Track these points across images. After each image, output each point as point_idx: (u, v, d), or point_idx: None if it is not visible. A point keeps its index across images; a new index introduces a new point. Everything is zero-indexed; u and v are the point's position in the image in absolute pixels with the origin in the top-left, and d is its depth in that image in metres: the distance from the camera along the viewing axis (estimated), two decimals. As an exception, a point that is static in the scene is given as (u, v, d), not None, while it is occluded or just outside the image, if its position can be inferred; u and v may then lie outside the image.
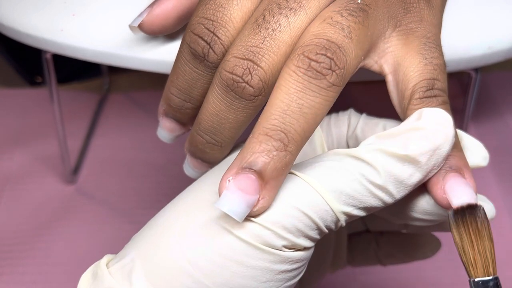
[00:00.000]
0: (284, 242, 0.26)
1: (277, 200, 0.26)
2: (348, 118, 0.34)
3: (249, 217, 0.26)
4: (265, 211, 0.26)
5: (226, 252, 0.26)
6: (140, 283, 0.26)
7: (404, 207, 0.29)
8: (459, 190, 0.27)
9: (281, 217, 0.26)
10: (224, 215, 0.26)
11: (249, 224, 0.26)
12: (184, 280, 0.26)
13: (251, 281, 0.26)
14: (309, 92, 0.26)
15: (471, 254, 0.27)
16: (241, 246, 0.26)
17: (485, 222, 0.27)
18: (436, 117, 0.27)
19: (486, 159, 0.31)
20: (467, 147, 0.31)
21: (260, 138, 0.25)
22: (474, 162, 0.31)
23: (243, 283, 0.26)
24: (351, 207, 0.26)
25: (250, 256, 0.26)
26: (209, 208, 0.27)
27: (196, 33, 0.29)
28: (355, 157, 0.27)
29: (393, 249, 0.38)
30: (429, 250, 0.37)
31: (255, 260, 0.26)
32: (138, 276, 0.26)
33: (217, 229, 0.26)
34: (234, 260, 0.26)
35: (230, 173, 0.25)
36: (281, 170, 0.25)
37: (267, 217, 0.26)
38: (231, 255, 0.26)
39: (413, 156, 0.26)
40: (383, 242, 0.38)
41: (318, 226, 0.26)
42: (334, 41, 0.26)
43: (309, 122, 0.26)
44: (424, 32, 0.30)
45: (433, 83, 0.29)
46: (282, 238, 0.26)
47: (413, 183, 0.27)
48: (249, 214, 0.25)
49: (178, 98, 0.31)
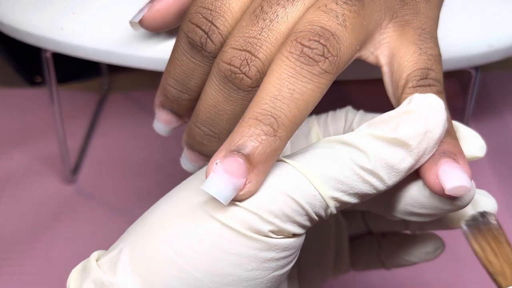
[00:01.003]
0: (271, 227, 0.25)
1: (264, 185, 0.25)
2: (345, 114, 0.34)
3: (235, 201, 0.25)
4: (252, 196, 0.25)
5: (210, 239, 0.25)
6: (124, 272, 0.26)
7: (399, 201, 0.28)
8: (452, 174, 0.26)
9: (267, 201, 0.25)
10: (209, 200, 0.26)
11: (234, 209, 0.25)
12: (169, 269, 0.25)
13: (237, 269, 0.25)
14: (300, 78, 0.25)
15: (497, 264, 0.26)
16: (226, 232, 0.25)
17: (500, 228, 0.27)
18: (426, 101, 0.26)
19: (483, 149, 0.30)
20: (464, 138, 0.30)
21: (250, 122, 0.25)
22: (471, 152, 0.30)
23: (228, 271, 0.25)
24: (340, 193, 0.26)
25: (235, 243, 0.25)
26: (195, 195, 0.27)
27: (194, 22, 0.28)
28: (345, 142, 0.26)
29: (396, 250, 0.37)
30: (433, 250, 0.36)
31: (240, 247, 0.25)
32: (124, 266, 0.26)
33: (201, 216, 0.26)
34: (218, 247, 0.25)
35: (218, 156, 0.25)
36: (270, 155, 0.25)
37: (253, 201, 0.25)
38: (215, 242, 0.25)
39: (403, 139, 0.26)
40: (386, 244, 0.37)
41: (306, 212, 0.26)
42: (327, 28, 0.26)
43: (300, 108, 0.26)
44: (419, 24, 0.30)
45: (427, 73, 0.28)
46: (268, 222, 0.25)
47: (404, 168, 0.26)
48: (235, 198, 0.25)
49: (175, 89, 0.31)
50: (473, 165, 0.53)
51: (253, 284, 0.26)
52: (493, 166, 0.58)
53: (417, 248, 0.36)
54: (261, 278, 0.26)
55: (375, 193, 0.26)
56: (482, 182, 0.56)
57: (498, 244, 0.26)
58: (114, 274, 0.26)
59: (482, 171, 0.57)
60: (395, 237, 0.37)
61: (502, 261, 0.26)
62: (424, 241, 0.36)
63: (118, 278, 0.26)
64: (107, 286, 0.26)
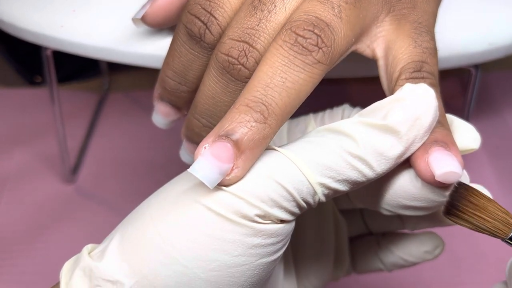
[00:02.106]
0: (257, 211, 0.25)
1: (252, 171, 0.25)
2: (342, 112, 0.34)
3: (221, 186, 0.25)
4: (238, 181, 0.25)
5: (196, 224, 0.25)
6: (112, 258, 0.26)
7: (391, 193, 0.28)
8: (443, 160, 0.26)
9: (254, 186, 0.25)
10: (196, 186, 0.26)
11: (220, 193, 0.25)
12: (156, 255, 0.25)
13: (222, 255, 0.25)
14: (293, 67, 0.26)
15: (490, 224, 0.26)
16: (211, 217, 0.25)
17: (473, 190, 0.27)
18: (417, 89, 0.26)
19: (477, 141, 0.30)
20: (458, 130, 0.30)
21: (241, 109, 0.25)
22: (465, 144, 0.30)
23: (214, 257, 0.25)
24: (328, 179, 0.26)
25: (220, 228, 0.25)
26: (183, 183, 0.27)
27: (192, 13, 0.29)
28: (335, 130, 0.26)
29: (395, 250, 0.37)
30: (432, 249, 0.36)
31: (225, 232, 0.25)
32: (112, 253, 0.26)
33: (188, 201, 0.26)
34: (204, 233, 0.25)
35: (207, 141, 0.25)
36: (258, 142, 0.25)
37: (239, 186, 0.25)
38: (201, 228, 0.25)
39: (392, 125, 0.26)
40: (385, 244, 0.37)
41: (293, 198, 0.25)
42: (322, 18, 0.26)
43: (291, 97, 0.26)
44: (416, 18, 0.30)
45: (421, 65, 0.28)
46: (254, 206, 0.25)
47: (394, 155, 0.26)
48: (222, 183, 0.25)
49: (174, 81, 0.31)
50: (473, 165, 0.53)
51: (240, 271, 0.26)
52: (493, 165, 0.58)
53: (417, 248, 0.36)
54: (247, 265, 0.26)
55: (364, 181, 0.26)
56: (482, 182, 0.55)
57: (481, 206, 0.26)
58: (101, 261, 0.26)
59: (482, 171, 0.57)
60: (394, 237, 0.37)
61: (492, 219, 0.26)
62: (423, 240, 0.36)
63: (105, 264, 0.26)
64: (95, 272, 0.26)
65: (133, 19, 0.33)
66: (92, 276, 0.26)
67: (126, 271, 0.26)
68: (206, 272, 0.25)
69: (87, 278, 0.26)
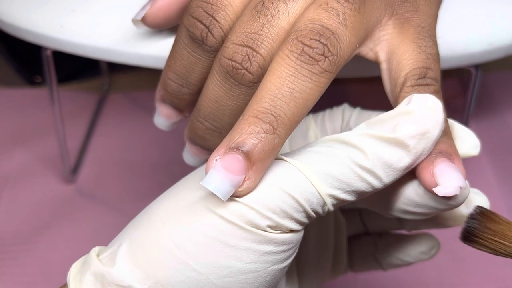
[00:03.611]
0: (268, 222, 0.26)
1: (263, 182, 0.26)
2: (342, 112, 0.34)
3: (234, 197, 0.25)
4: (250, 192, 0.26)
5: (209, 232, 0.25)
6: (124, 264, 0.26)
7: (395, 199, 0.29)
8: (448, 173, 0.27)
9: (266, 197, 0.26)
10: (209, 195, 0.26)
11: (233, 204, 0.26)
12: (169, 261, 0.26)
13: (236, 262, 0.26)
14: (301, 77, 0.26)
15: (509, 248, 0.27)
16: (225, 225, 0.25)
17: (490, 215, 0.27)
18: (425, 102, 0.27)
19: (477, 147, 0.31)
20: (458, 136, 0.30)
21: (250, 120, 0.25)
22: (465, 151, 0.30)
23: (227, 263, 0.26)
24: (338, 190, 0.26)
25: (234, 235, 0.25)
26: (195, 190, 0.27)
27: (195, 16, 0.29)
28: (343, 141, 0.27)
29: (392, 250, 0.37)
30: (428, 250, 0.37)
31: (239, 240, 0.25)
32: (123, 258, 0.26)
33: (201, 210, 0.26)
34: (218, 240, 0.25)
35: (218, 153, 0.25)
36: (269, 153, 0.25)
37: (251, 197, 0.26)
38: (214, 235, 0.25)
39: (402, 139, 0.26)
40: (382, 244, 0.38)
41: (304, 209, 0.26)
42: (328, 27, 0.26)
43: (299, 106, 0.26)
44: (419, 22, 0.30)
45: (426, 72, 0.28)
46: (266, 218, 0.25)
47: (402, 167, 0.26)
48: (234, 194, 0.25)
49: (176, 83, 0.31)
50: (474, 164, 0.53)
51: (252, 277, 0.26)
52: (494, 166, 0.58)
53: (413, 248, 0.37)
54: (260, 271, 0.26)
55: (371, 191, 0.27)
56: (482, 182, 0.56)
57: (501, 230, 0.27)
58: (114, 266, 0.26)
59: (482, 171, 0.57)
60: (391, 237, 0.38)
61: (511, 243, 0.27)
62: (420, 241, 0.37)
63: (117, 269, 0.26)
64: (107, 278, 0.26)
65: (133, 20, 0.33)
66: (104, 282, 0.26)
67: (138, 277, 0.26)
68: (220, 278, 0.26)
69: (99, 283, 0.26)
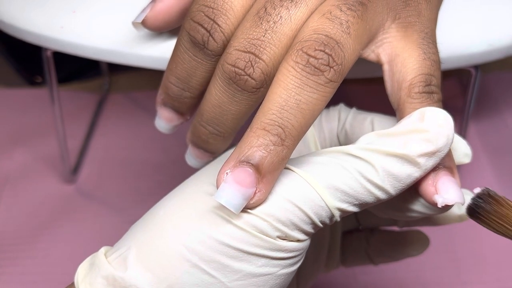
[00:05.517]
0: (278, 233, 0.26)
1: (273, 194, 0.26)
2: (338, 113, 0.34)
3: (245, 209, 0.26)
4: (261, 204, 0.26)
5: (222, 238, 0.26)
6: (135, 267, 0.27)
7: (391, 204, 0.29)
8: (450, 188, 0.27)
9: (276, 210, 0.26)
10: (221, 206, 0.26)
11: (245, 215, 0.26)
12: (181, 265, 0.26)
13: (248, 265, 0.26)
14: (307, 88, 0.26)
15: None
16: (238, 232, 0.26)
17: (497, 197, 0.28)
18: (438, 119, 0.27)
19: (468, 156, 0.32)
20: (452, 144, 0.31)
21: (258, 133, 0.26)
22: (457, 159, 0.31)
23: (240, 267, 0.26)
24: (346, 204, 0.27)
25: (246, 242, 0.26)
26: (206, 198, 0.27)
27: (196, 20, 0.29)
28: (353, 154, 0.27)
29: (383, 247, 0.38)
30: (418, 247, 0.38)
31: (250, 246, 0.26)
32: (134, 262, 0.27)
33: (214, 217, 0.26)
34: (230, 246, 0.26)
35: (228, 166, 0.26)
36: (278, 164, 0.26)
37: (262, 209, 0.26)
38: (227, 241, 0.26)
39: (414, 156, 0.26)
40: (374, 241, 0.38)
41: (312, 221, 0.26)
42: (332, 36, 0.26)
43: (306, 117, 0.26)
44: (422, 27, 0.30)
45: (430, 79, 0.29)
46: (276, 229, 0.26)
47: (410, 182, 0.27)
48: (246, 206, 0.26)
49: (177, 87, 0.31)
50: (473, 165, 0.53)
51: (263, 280, 0.27)
52: (493, 166, 0.58)
53: (403, 245, 0.38)
54: (270, 275, 0.27)
55: (376, 202, 0.27)
56: (482, 182, 0.56)
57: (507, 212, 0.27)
58: (125, 271, 0.27)
59: (482, 171, 0.57)
60: (383, 233, 0.39)
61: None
62: (410, 238, 0.38)
63: (129, 274, 0.27)
64: (119, 282, 0.26)
65: (133, 23, 0.33)
66: (116, 285, 0.27)
67: (150, 280, 0.26)
68: (232, 282, 0.26)
69: (111, 287, 0.27)
